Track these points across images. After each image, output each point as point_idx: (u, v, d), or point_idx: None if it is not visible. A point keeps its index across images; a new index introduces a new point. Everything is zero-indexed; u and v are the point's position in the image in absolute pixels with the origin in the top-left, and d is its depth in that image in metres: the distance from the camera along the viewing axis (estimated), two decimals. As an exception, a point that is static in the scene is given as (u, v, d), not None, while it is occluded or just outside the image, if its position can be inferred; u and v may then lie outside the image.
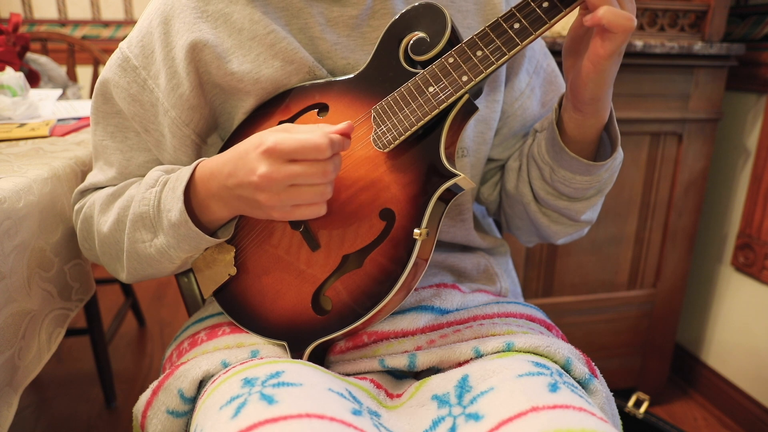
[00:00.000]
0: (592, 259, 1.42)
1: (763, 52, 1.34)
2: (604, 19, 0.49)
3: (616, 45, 0.51)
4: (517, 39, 0.53)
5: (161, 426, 0.59)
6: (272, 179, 0.52)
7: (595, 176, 0.65)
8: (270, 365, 0.54)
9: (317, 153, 0.51)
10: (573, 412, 0.48)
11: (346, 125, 0.55)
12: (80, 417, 1.53)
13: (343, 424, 0.47)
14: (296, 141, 0.51)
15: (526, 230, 0.79)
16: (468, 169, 0.71)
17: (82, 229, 0.71)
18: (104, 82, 0.66)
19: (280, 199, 0.53)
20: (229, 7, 0.63)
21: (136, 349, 1.87)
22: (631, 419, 1.17)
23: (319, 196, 0.54)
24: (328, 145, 0.51)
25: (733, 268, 1.50)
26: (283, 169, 0.52)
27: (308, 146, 0.51)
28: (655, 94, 1.31)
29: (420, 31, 0.58)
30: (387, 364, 0.61)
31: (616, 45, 0.51)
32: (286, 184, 0.52)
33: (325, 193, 0.54)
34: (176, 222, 0.59)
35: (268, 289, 0.63)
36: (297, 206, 0.55)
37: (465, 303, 0.68)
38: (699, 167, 1.39)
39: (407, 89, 0.57)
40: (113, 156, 0.69)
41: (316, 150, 0.51)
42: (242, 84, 0.63)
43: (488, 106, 0.70)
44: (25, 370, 0.69)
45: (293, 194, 0.53)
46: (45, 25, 2.41)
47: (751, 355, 1.46)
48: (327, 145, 0.51)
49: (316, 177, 0.52)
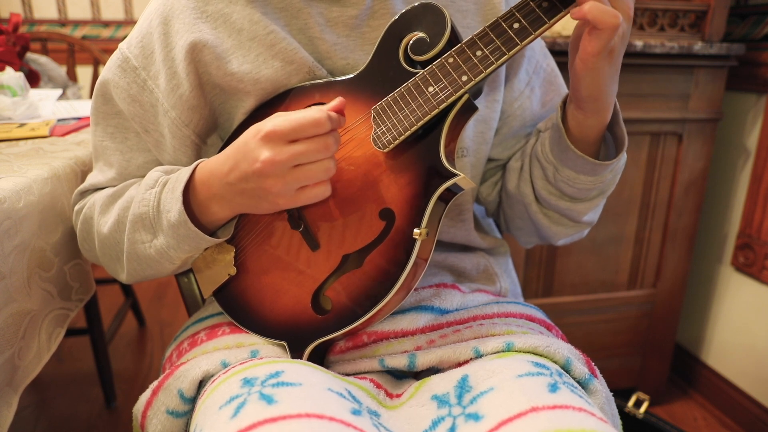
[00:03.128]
0: (592, 259, 1.42)
1: (763, 52, 1.34)
2: (589, 15, 0.49)
3: (603, 41, 0.51)
4: (517, 39, 0.53)
5: (161, 426, 0.59)
6: (276, 162, 0.52)
7: (599, 176, 0.65)
8: (269, 365, 0.54)
9: (317, 127, 0.52)
10: (573, 412, 0.48)
11: (338, 101, 0.55)
12: (80, 417, 1.53)
13: (343, 423, 0.47)
14: (294, 120, 0.52)
15: (526, 231, 0.79)
16: (468, 169, 0.71)
17: (82, 230, 0.71)
18: (104, 82, 0.66)
19: (286, 181, 0.53)
20: (228, 8, 0.63)
21: (136, 349, 1.87)
22: (631, 419, 1.17)
23: (324, 172, 0.54)
24: (326, 119, 0.52)
25: (733, 268, 1.50)
26: (285, 150, 0.52)
27: (307, 122, 0.51)
28: (655, 94, 1.31)
29: (420, 31, 0.58)
30: (387, 364, 0.61)
31: (603, 41, 0.51)
32: (291, 164, 0.53)
33: (329, 168, 0.54)
34: (176, 222, 0.59)
35: (268, 289, 0.63)
36: (303, 189, 0.55)
37: (465, 303, 0.68)
38: (699, 167, 1.39)
39: (407, 89, 0.57)
40: (113, 157, 0.69)
41: (315, 124, 0.52)
42: (242, 84, 0.63)
43: (488, 105, 0.70)
44: (25, 370, 0.69)
45: (298, 174, 0.53)
46: (45, 25, 2.41)
47: (751, 355, 1.46)
48: (325, 119, 0.52)
49: (318, 152, 0.53)
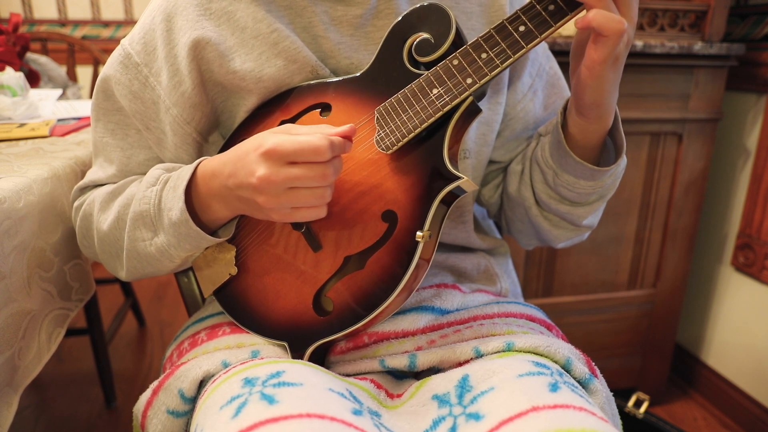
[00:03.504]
0: (592, 259, 1.42)
1: (763, 52, 1.34)
2: (594, 22, 0.48)
3: (609, 49, 0.51)
4: (522, 42, 0.52)
5: (161, 426, 0.59)
6: (271, 181, 0.52)
7: (599, 181, 0.65)
8: (270, 365, 0.53)
9: (316, 155, 0.51)
10: (573, 411, 0.48)
11: (348, 128, 0.54)
12: (80, 417, 1.53)
13: (344, 423, 0.47)
14: (295, 143, 0.51)
15: (526, 233, 0.79)
16: (470, 171, 0.71)
17: (81, 227, 0.70)
18: (105, 78, 0.66)
19: (279, 201, 0.53)
20: (232, 5, 0.63)
21: (136, 349, 1.87)
22: (631, 419, 1.17)
23: (318, 198, 0.54)
24: (328, 148, 0.51)
25: (733, 268, 1.50)
26: (282, 171, 0.52)
27: (307, 148, 0.51)
28: (655, 94, 1.31)
29: (424, 32, 0.58)
30: (387, 365, 0.61)
31: (609, 49, 0.51)
32: (285, 186, 0.52)
33: (324, 196, 0.54)
34: (177, 221, 0.59)
35: (269, 289, 0.63)
36: (296, 208, 0.54)
37: (465, 303, 0.68)
38: (699, 167, 1.39)
39: (411, 91, 0.57)
40: (113, 153, 0.68)
41: (315, 152, 0.51)
42: (244, 83, 0.63)
43: (491, 108, 0.70)
44: (25, 370, 0.69)
45: (292, 197, 0.53)
46: (45, 25, 2.41)
47: (751, 355, 1.46)
48: (326, 148, 0.51)
49: (315, 180, 0.52)
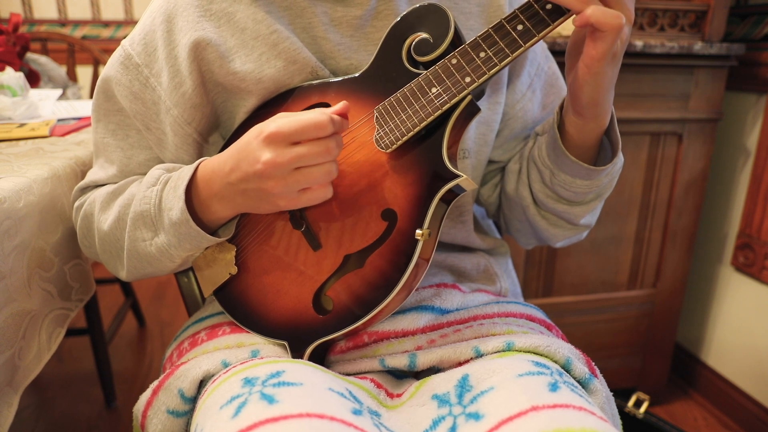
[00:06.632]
0: (592, 259, 1.42)
1: (763, 52, 1.34)
2: (592, 18, 0.49)
3: (608, 45, 0.51)
4: (521, 41, 0.52)
5: (161, 426, 0.59)
6: (277, 164, 0.52)
7: (595, 181, 0.65)
8: (270, 365, 0.53)
9: (319, 130, 0.52)
10: (573, 411, 0.48)
11: (342, 105, 0.55)
12: (80, 417, 1.53)
13: (344, 423, 0.47)
14: (297, 122, 0.52)
15: (524, 233, 0.79)
16: (469, 171, 0.71)
17: (81, 227, 0.70)
18: (106, 79, 0.66)
19: (287, 183, 0.53)
20: (232, 6, 0.63)
21: (136, 349, 1.87)
22: (631, 419, 1.17)
23: (325, 175, 0.54)
24: (329, 121, 0.52)
25: (733, 268, 1.50)
26: (287, 152, 0.52)
27: (309, 125, 0.51)
28: (655, 94, 1.31)
29: (423, 31, 0.58)
30: (387, 364, 0.61)
31: (608, 45, 0.51)
32: (292, 167, 0.53)
33: (331, 171, 0.54)
34: (177, 221, 0.59)
35: (269, 288, 0.63)
36: (304, 191, 0.55)
37: (465, 303, 0.68)
38: (699, 167, 1.39)
39: (410, 90, 0.57)
40: (114, 154, 0.69)
41: (318, 127, 0.52)
42: (244, 83, 0.63)
43: (490, 107, 0.70)
44: (25, 370, 0.69)
45: (300, 177, 0.53)
46: (45, 25, 2.41)
47: (751, 355, 1.46)
48: (328, 122, 0.52)
49: (320, 156, 0.53)
